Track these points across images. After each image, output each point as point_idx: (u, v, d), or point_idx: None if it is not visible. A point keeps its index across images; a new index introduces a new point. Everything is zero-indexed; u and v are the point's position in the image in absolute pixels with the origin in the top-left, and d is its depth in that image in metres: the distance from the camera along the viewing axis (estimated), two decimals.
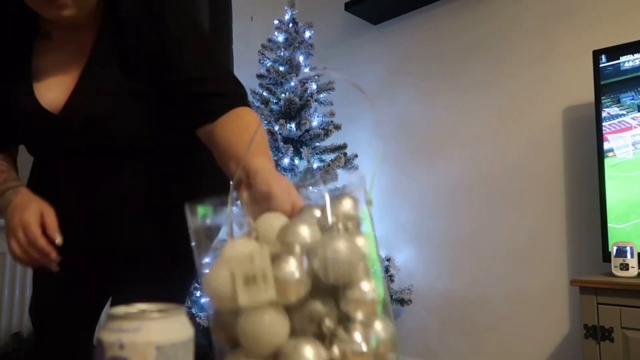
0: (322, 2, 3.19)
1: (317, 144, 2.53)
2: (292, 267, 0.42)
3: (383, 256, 2.52)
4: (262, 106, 2.56)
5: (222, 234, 0.53)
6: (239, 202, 0.59)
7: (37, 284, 1.04)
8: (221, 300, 0.42)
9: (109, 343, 0.36)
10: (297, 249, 0.43)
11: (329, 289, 0.44)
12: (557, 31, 2.25)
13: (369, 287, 0.44)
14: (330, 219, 0.46)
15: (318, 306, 0.43)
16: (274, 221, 0.48)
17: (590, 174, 2.05)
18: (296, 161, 2.50)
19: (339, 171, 2.43)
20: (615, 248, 1.72)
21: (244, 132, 0.78)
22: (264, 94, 2.57)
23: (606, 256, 1.80)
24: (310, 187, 0.53)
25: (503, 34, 2.43)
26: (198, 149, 0.88)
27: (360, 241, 0.45)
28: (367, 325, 0.45)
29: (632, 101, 1.85)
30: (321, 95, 2.62)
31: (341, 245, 0.43)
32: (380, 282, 0.45)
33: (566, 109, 2.20)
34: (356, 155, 2.54)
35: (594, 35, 2.13)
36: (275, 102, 2.58)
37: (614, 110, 1.87)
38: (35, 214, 0.81)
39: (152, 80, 0.88)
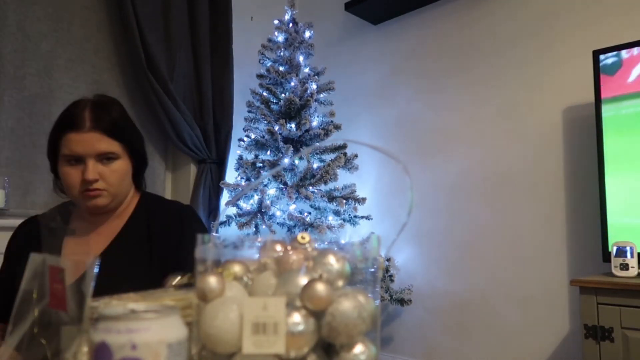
0: (322, 2, 3.19)
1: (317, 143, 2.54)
2: (304, 321, 0.40)
3: (383, 256, 2.52)
4: (262, 106, 2.56)
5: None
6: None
7: None
8: (221, 344, 0.40)
9: (119, 345, 0.36)
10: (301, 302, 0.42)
11: (323, 345, 0.43)
12: (557, 31, 2.26)
13: (364, 350, 0.43)
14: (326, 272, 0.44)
15: None
16: (269, 279, 0.46)
17: (590, 173, 2.06)
18: (296, 161, 2.50)
19: (339, 171, 2.43)
20: (615, 248, 1.72)
21: None
22: (264, 94, 2.57)
23: (606, 256, 1.81)
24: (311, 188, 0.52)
25: (503, 34, 2.43)
26: None
27: (362, 300, 0.43)
28: None
29: None
30: (321, 95, 2.62)
31: (351, 306, 0.41)
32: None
33: (566, 109, 2.20)
34: (356, 155, 2.54)
35: (594, 35, 2.13)
36: (275, 102, 2.58)
37: None
38: None
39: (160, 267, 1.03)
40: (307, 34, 2.69)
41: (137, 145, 1.11)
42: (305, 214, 2.42)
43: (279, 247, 0.48)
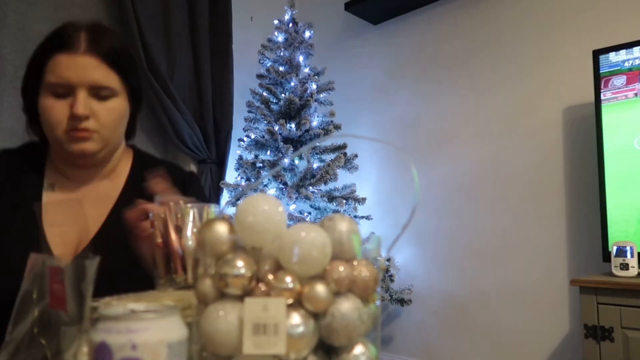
0: (322, 2, 3.19)
1: (318, 144, 2.54)
2: (304, 322, 0.40)
3: (384, 256, 2.51)
4: (262, 106, 2.56)
5: None
6: None
7: None
8: (221, 345, 0.40)
9: (119, 345, 0.36)
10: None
11: (324, 346, 0.43)
12: (557, 31, 2.26)
13: (364, 351, 0.43)
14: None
15: None
16: None
17: (590, 173, 2.06)
18: (296, 161, 2.50)
19: (339, 171, 2.43)
20: (615, 248, 1.72)
21: None
22: (264, 94, 2.57)
23: (606, 256, 1.80)
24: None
25: (503, 34, 2.43)
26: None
27: (360, 303, 0.43)
28: None
29: None
30: (321, 95, 2.62)
31: (351, 308, 0.41)
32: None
33: (566, 109, 2.20)
34: (356, 155, 2.54)
35: (594, 35, 2.13)
36: (275, 102, 2.58)
37: None
38: None
39: None
40: (307, 34, 2.69)
41: (137, 83, 0.93)
42: (305, 214, 2.42)
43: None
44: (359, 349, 0.43)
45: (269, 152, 2.53)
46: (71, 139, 0.84)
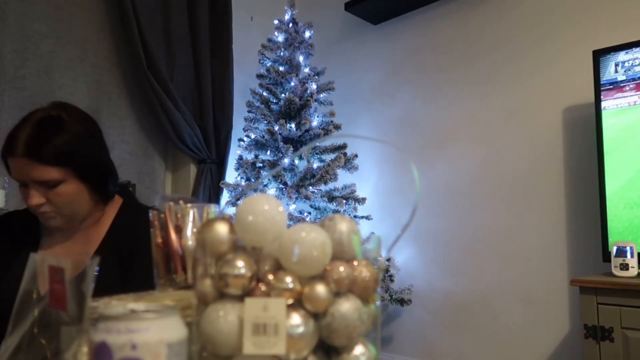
0: (322, 2, 3.19)
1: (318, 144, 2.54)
2: (304, 323, 0.40)
3: (384, 256, 2.51)
4: (262, 106, 2.56)
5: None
6: None
7: None
8: (221, 345, 0.39)
9: (119, 345, 0.36)
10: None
11: (324, 347, 0.43)
12: (557, 32, 2.26)
13: (364, 351, 0.43)
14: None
15: None
16: None
17: (590, 173, 2.06)
18: (296, 161, 2.50)
19: (339, 171, 2.43)
20: (615, 248, 1.72)
21: None
22: (264, 94, 2.57)
23: (606, 256, 1.80)
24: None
25: (503, 34, 2.43)
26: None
27: (360, 303, 0.43)
28: None
29: None
30: (321, 95, 2.62)
31: (351, 308, 0.41)
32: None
33: (566, 109, 2.20)
34: (356, 155, 2.54)
35: (594, 35, 2.13)
36: (275, 102, 2.58)
37: None
38: None
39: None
40: (307, 34, 2.69)
41: (86, 167, 1.02)
42: (305, 214, 2.42)
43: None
44: (359, 349, 0.42)
45: (269, 152, 2.53)
46: (40, 218, 1.02)
